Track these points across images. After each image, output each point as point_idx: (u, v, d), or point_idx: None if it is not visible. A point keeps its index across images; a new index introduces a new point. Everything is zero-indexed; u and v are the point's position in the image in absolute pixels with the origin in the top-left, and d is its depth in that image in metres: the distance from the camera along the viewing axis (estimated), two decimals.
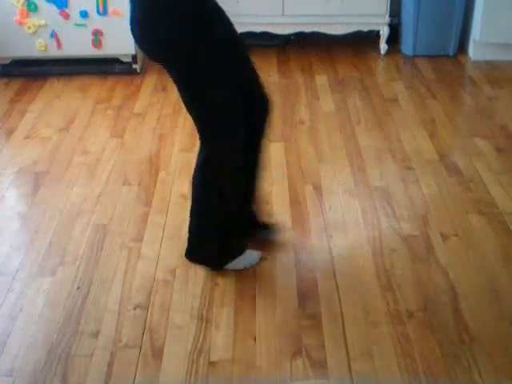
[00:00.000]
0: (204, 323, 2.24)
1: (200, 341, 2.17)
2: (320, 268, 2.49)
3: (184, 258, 2.50)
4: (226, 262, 2.47)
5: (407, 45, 4.43)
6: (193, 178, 2.38)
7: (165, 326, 2.23)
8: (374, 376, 2.04)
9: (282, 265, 2.51)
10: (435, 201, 2.87)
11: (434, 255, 2.54)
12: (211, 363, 2.09)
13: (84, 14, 3.97)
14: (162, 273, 2.48)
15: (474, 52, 4.33)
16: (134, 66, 4.15)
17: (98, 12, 3.96)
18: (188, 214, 2.57)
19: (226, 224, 2.41)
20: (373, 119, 3.59)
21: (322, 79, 4.09)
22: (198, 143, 2.32)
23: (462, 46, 4.42)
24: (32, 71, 4.15)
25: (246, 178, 2.44)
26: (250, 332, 2.20)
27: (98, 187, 3.00)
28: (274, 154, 3.24)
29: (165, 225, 2.74)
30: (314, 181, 3.02)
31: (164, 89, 3.94)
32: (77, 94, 3.95)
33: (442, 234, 2.65)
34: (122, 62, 4.16)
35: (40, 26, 3.99)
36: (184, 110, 2.26)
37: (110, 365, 2.08)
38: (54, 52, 4.08)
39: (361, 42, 4.59)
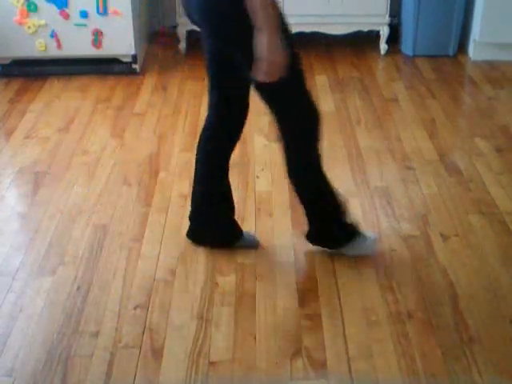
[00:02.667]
0: (204, 323, 2.24)
1: (200, 341, 2.17)
2: (320, 268, 2.49)
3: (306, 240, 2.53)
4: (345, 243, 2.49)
5: (407, 45, 4.43)
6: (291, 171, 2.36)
7: (165, 326, 2.23)
8: (373, 376, 2.04)
9: (282, 265, 2.51)
10: (435, 201, 2.87)
11: (434, 255, 2.54)
12: (211, 363, 2.09)
13: (84, 14, 3.97)
14: (161, 273, 2.47)
15: (473, 52, 4.33)
16: (134, 66, 4.15)
17: (98, 12, 3.96)
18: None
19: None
20: (373, 119, 3.59)
21: (321, 79, 4.09)
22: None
23: (462, 46, 4.42)
24: (32, 71, 4.15)
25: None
26: (250, 332, 2.20)
27: (98, 187, 3.00)
28: (274, 154, 3.23)
29: (165, 225, 2.73)
30: None
31: (164, 89, 3.93)
32: (77, 94, 3.95)
33: (442, 234, 2.65)
34: (122, 62, 4.16)
35: (40, 26, 3.99)
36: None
37: (110, 365, 2.08)
38: (53, 52, 4.08)
39: (361, 42, 4.59)
